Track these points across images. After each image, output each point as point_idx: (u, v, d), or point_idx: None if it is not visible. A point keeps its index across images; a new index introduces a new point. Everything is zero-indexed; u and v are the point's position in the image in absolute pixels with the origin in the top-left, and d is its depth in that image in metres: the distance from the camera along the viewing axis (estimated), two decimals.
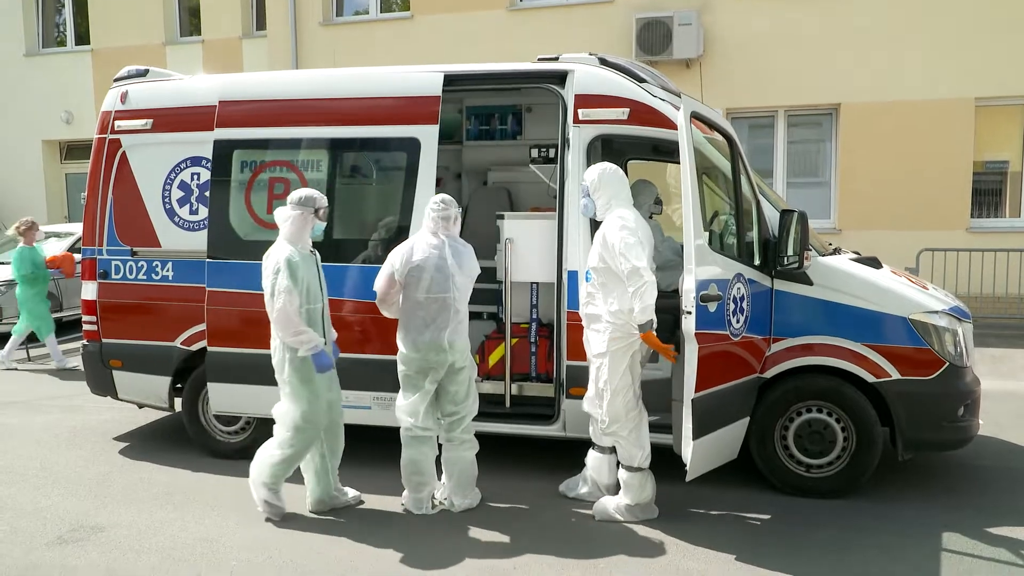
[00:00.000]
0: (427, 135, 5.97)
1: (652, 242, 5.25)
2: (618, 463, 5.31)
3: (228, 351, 6.25)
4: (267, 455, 5.41)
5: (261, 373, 5.68)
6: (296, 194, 5.34)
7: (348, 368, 5.75)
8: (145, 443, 7.17)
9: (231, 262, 6.26)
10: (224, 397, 6.34)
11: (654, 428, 5.42)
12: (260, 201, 6.30)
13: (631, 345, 5.09)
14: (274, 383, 5.41)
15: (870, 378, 5.49)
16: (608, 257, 5.06)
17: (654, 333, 4.97)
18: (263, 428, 6.50)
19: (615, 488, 5.42)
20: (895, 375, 5.45)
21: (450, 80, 6.07)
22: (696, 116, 5.24)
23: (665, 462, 5.42)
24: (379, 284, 5.37)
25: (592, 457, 5.56)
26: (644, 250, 4.96)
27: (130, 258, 6.52)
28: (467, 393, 5.48)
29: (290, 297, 5.11)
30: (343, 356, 5.71)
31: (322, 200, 5.35)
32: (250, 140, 6.38)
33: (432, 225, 5.40)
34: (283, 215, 5.28)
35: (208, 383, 6.35)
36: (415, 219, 5.84)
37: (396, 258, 5.34)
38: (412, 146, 5.98)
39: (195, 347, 6.47)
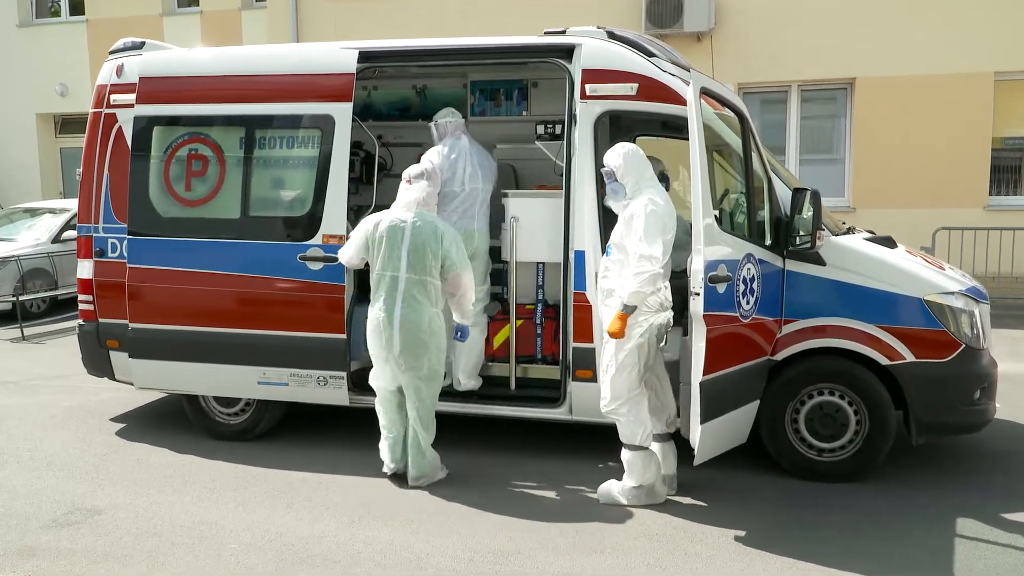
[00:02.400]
0: (341, 112, 6.08)
1: (675, 225, 5.22)
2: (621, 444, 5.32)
3: (151, 328, 6.42)
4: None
5: (184, 350, 6.34)
6: (422, 168, 5.74)
7: (264, 345, 6.19)
8: (142, 424, 7.20)
9: (152, 239, 6.42)
10: (147, 373, 6.56)
11: None
12: (179, 178, 6.45)
13: (640, 323, 5.07)
14: (196, 360, 6.25)
15: (884, 360, 5.47)
16: (626, 234, 5.08)
17: (628, 318, 5.01)
18: (263, 409, 6.55)
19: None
20: (910, 357, 5.43)
21: (366, 57, 6.18)
22: (706, 92, 5.19)
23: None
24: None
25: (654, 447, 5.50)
26: (664, 238, 4.95)
27: (127, 236, 6.51)
28: None
29: None
30: (260, 333, 6.18)
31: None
32: (169, 117, 6.49)
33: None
34: (427, 189, 5.58)
35: (130, 359, 6.52)
36: (329, 195, 6.05)
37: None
38: (327, 123, 6.11)
39: None
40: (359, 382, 6.29)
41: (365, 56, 6.18)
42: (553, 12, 12.06)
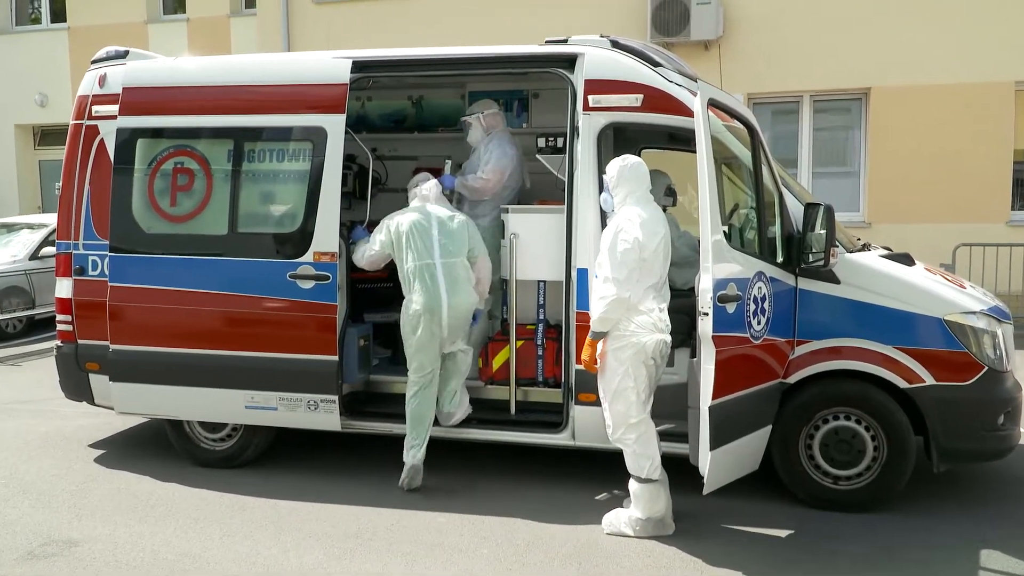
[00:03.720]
0: (334, 124, 6.09)
1: (668, 239, 5.23)
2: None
3: (133, 349, 6.40)
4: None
5: (167, 372, 6.30)
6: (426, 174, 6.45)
7: (252, 367, 6.16)
8: (123, 451, 7.17)
9: (134, 256, 6.41)
10: (129, 397, 6.52)
11: (670, 437, 5.43)
12: (163, 192, 6.44)
13: (631, 345, 5.07)
14: (180, 383, 6.24)
15: (902, 383, 5.46)
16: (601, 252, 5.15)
17: (599, 345, 5.14)
18: (250, 435, 6.53)
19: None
20: (929, 380, 5.43)
21: (360, 66, 6.21)
22: (714, 103, 5.21)
23: (681, 474, 5.40)
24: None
25: None
26: (632, 257, 4.98)
27: (108, 253, 6.51)
28: None
29: None
30: (248, 355, 6.16)
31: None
32: (154, 129, 6.49)
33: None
34: (436, 188, 6.26)
35: (111, 383, 6.48)
36: (321, 211, 6.06)
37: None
38: (319, 136, 6.12)
39: None
40: (351, 406, 6.29)
41: (359, 66, 6.19)
42: (554, 20, 12.11)
